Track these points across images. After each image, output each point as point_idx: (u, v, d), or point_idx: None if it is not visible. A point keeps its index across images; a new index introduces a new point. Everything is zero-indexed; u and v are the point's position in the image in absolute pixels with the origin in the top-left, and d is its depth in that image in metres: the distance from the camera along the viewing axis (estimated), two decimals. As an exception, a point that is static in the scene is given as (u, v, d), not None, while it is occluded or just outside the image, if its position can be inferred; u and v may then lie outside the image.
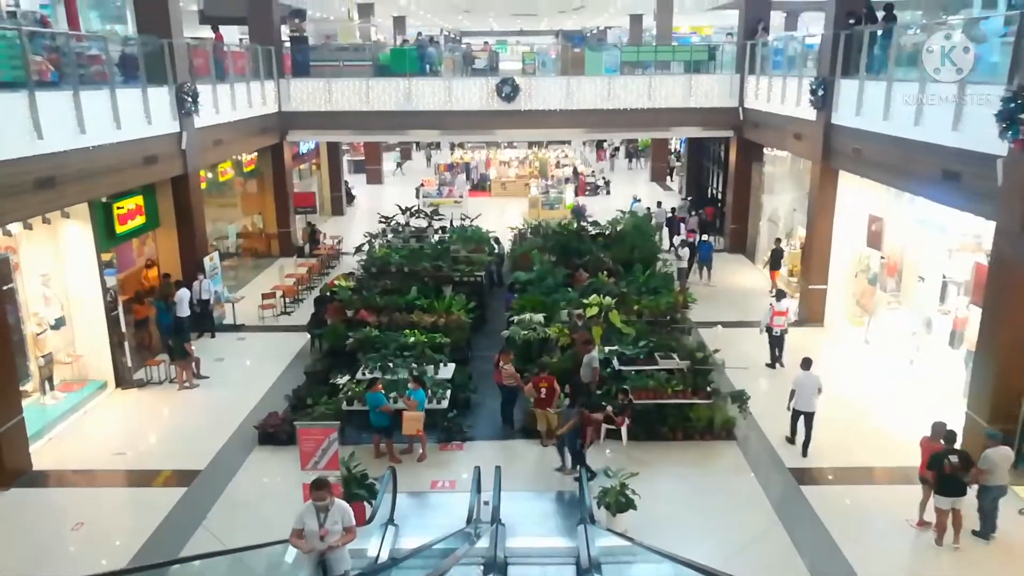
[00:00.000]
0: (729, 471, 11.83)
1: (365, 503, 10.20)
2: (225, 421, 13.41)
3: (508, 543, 9.01)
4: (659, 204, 27.21)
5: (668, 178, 38.55)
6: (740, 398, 12.57)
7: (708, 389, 12.73)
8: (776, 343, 15.52)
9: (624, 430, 12.40)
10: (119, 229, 15.41)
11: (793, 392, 12.02)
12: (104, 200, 14.73)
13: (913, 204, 14.93)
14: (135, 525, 10.44)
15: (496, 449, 12.50)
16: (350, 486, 10.16)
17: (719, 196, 27.94)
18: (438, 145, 52.79)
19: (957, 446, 10.02)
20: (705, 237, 23.02)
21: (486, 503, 10.04)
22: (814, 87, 16.99)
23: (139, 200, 16.19)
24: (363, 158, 40.72)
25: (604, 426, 12.49)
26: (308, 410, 12.78)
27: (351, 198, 33.78)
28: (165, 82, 16.35)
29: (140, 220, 16.32)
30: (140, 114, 15.16)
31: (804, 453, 12.06)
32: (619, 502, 9.99)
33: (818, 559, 9.59)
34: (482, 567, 8.24)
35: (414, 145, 51.86)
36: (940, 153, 12.04)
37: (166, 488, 11.37)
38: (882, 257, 15.84)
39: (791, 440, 12.38)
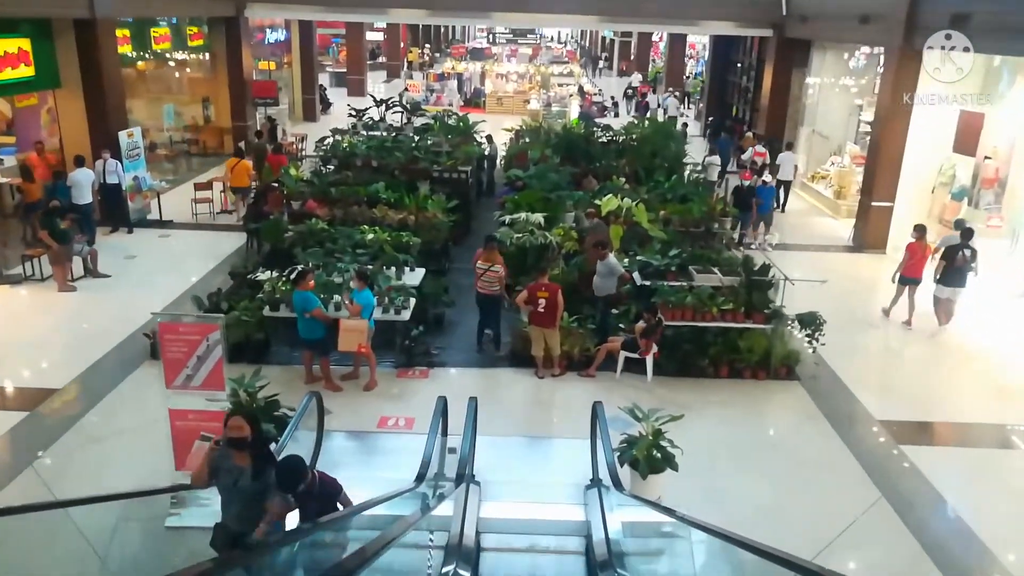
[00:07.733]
0: (796, 420, 8.56)
1: (274, 443, 6.87)
2: (113, 329, 10.00)
3: (483, 511, 6.02)
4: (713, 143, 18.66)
5: (683, 104, 34.64)
6: (813, 322, 9.12)
7: (767, 311, 9.30)
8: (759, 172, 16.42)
9: (650, 360, 9.08)
10: (-9, 77, 11.74)
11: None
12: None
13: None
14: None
15: (473, 378, 9.24)
16: (256, 419, 6.76)
17: (744, 117, 24.24)
18: (431, 64, 48.75)
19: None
20: (767, 179, 15.50)
21: (452, 450, 6.82)
22: (900, -56, 13.27)
23: (24, 43, 12.43)
24: (345, 69, 36.51)
25: (623, 354, 9.17)
26: (221, 316, 9.34)
27: (326, 105, 29.76)
28: None
29: (26, 71, 12.58)
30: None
31: (783, 210, 16.13)
32: (652, 458, 6.68)
33: (947, 550, 6.34)
34: (442, 545, 5.16)
35: (405, 63, 47.75)
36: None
37: (-1, 411, 7.99)
38: (987, 157, 12.32)
39: (782, 210, 16.19)
